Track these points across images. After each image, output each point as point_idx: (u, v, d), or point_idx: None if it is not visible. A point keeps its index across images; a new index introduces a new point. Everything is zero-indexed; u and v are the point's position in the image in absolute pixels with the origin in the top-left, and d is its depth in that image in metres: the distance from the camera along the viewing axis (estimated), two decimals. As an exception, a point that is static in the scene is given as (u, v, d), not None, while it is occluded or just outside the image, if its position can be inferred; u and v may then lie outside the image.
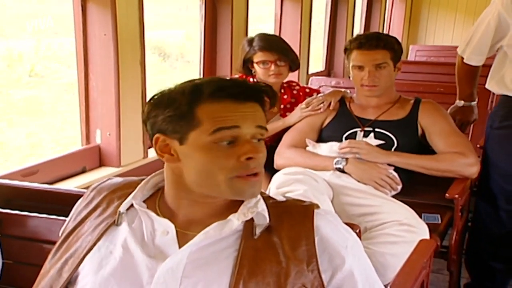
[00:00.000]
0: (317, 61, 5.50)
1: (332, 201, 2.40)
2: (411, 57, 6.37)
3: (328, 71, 5.47)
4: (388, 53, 2.62)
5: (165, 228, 1.27)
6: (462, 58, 2.77)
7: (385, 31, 6.92)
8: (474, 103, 2.90)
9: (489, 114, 2.80)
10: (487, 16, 2.61)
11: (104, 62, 2.71)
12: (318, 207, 1.32)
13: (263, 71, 2.90)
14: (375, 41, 2.63)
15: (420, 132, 2.64)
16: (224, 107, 1.23)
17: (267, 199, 1.33)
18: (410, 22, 7.36)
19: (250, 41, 2.93)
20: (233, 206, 1.28)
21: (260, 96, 1.28)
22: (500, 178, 2.68)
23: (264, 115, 1.29)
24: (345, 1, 5.34)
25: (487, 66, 2.74)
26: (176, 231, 1.27)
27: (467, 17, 2.54)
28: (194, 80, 1.29)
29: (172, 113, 1.24)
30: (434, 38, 7.27)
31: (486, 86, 2.73)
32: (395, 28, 7.18)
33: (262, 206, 1.29)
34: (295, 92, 3.06)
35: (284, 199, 1.37)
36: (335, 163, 2.52)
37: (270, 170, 2.65)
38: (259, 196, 1.30)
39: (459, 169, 2.52)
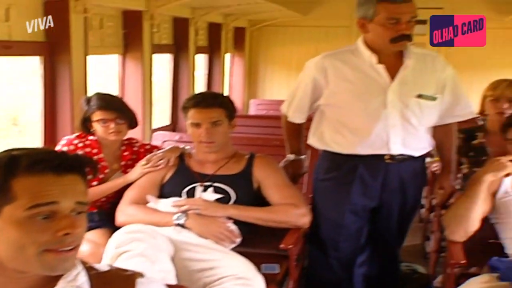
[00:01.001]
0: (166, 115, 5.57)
1: (173, 257, 2.41)
2: (251, 111, 6.51)
3: (174, 126, 5.54)
4: (223, 111, 2.75)
5: None
6: (287, 117, 2.94)
7: (227, 87, 7.09)
8: (303, 157, 3.05)
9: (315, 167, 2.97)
10: (304, 79, 2.81)
11: None
12: (141, 276, 1.30)
13: (103, 129, 2.90)
14: (211, 100, 2.75)
15: (255, 185, 2.76)
16: (42, 180, 1.18)
17: (89, 269, 1.28)
18: (250, 77, 7.57)
19: (88, 100, 2.94)
20: (52, 280, 1.22)
21: (80, 167, 1.24)
22: (327, 227, 2.85)
23: (85, 188, 1.24)
24: (185, 59, 5.46)
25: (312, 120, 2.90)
26: None
27: (298, 73, 2.74)
28: (12, 150, 1.23)
29: None
30: (272, 92, 7.54)
31: (308, 141, 2.90)
32: (236, 83, 7.36)
33: (82, 279, 1.24)
34: (135, 149, 3.09)
35: (107, 268, 1.32)
36: (176, 219, 2.56)
37: (113, 227, 2.64)
38: (80, 268, 1.26)
39: (292, 219, 2.66)
